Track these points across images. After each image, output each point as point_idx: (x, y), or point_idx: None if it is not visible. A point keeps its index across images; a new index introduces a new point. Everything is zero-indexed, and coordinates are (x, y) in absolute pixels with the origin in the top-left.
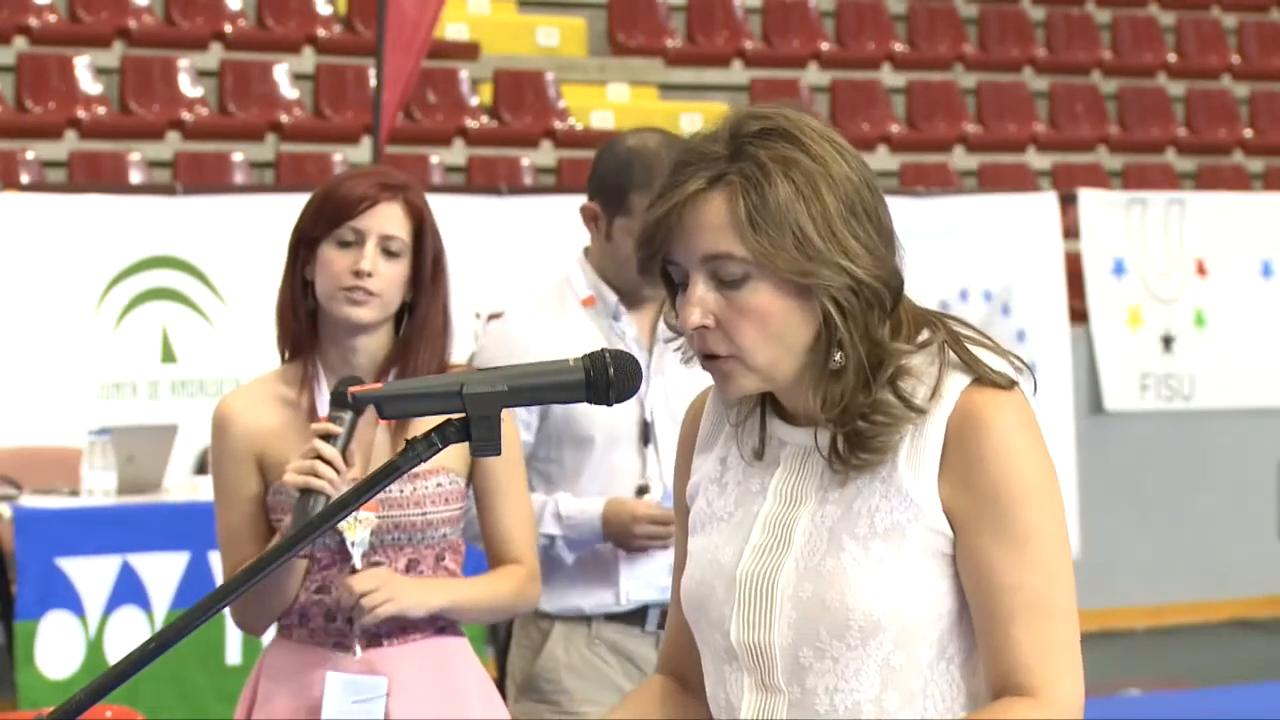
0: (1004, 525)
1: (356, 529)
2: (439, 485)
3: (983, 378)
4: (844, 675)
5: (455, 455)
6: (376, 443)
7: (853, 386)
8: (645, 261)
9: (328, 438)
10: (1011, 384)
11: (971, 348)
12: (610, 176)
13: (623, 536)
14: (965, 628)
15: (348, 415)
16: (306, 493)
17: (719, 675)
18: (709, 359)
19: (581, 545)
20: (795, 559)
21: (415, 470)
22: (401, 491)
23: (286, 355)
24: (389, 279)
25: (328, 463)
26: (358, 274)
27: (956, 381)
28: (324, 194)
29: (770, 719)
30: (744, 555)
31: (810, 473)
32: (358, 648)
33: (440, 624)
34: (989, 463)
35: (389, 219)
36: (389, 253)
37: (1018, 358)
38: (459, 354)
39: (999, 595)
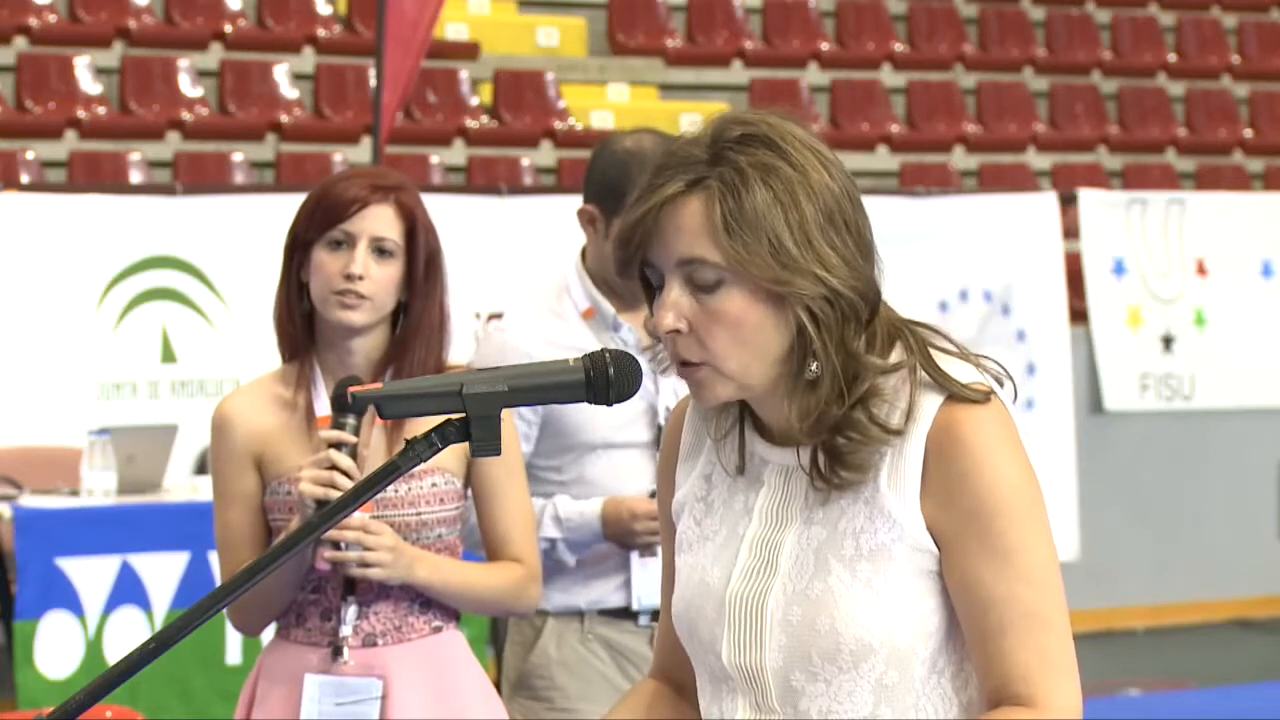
0: (989, 540)
1: None
2: (434, 485)
3: (955, 395)
4: (837, 697)
5: (452, 456)
6: (372, 443)
7: (826, 399)
8: (623, 263)
9: (339, 446)
10: (987, 397)
11: (943, 362)
12: (608, 178)
13: (624, 535)
14: (955, 641)
15: (352, 419)
16: (323, 504)
17: (714, 694)
18: (683, 365)
19: (582, 547)
20: (783, 582)
21: (411, 470)
22: (396, 492)
23: (286, 357)
24: (380, 281)
25: (344, 474)
26: (348, 277)
27: (931, 400)
28: (317, 196)
29: None
30: (732, 578)
31: (794, 493)
32: (346, 650)
33: (436, 624)
34: (970, 479)
35: (380, 221)
36: (381, 253)
37: (996, 363)
38: (459, 355)
39: (989, 609)
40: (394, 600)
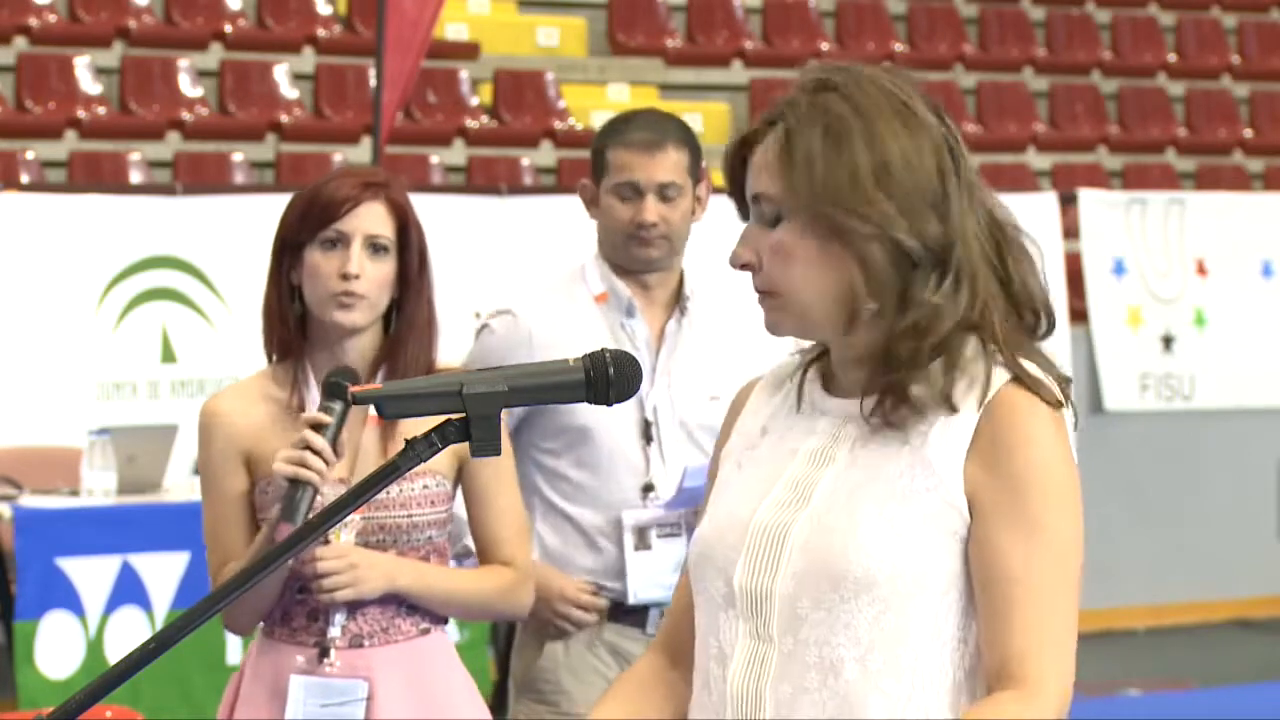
0: (1020, 515)
1: (340, 531)
2: (425, 487)
3: (1022, 379)
4: (834, 628)
5: (443, 457)
6: (364, 443)
7: (892, 339)
8: (736, 201)
9: (319, 428)
10: (1057, 402)
11: (1025, 360)
12: (594, 146)
13: (543, 605)
14: (963, 616)
15: (338, 406)
16: (295, 482)
17: (713, 623)
18: (760, 295)
19: None
20: (810, 514)
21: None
22: (387, 493)
23: (275, 359)
24: (376, 280)
25: (317, 453)
26: (345, 276)
27: (1000, 374)
28: (307, 198)
29: (761, 669)
30: (761, 507)
31: (843, 440)
32: (333, 651)
33: (424, 626)
34: (1018, 453)
35: (373, 218)
36: (376, 250)
37: (1065, 382)
38: (458, 355)
39: (1004, 583)
40: (382, 602)
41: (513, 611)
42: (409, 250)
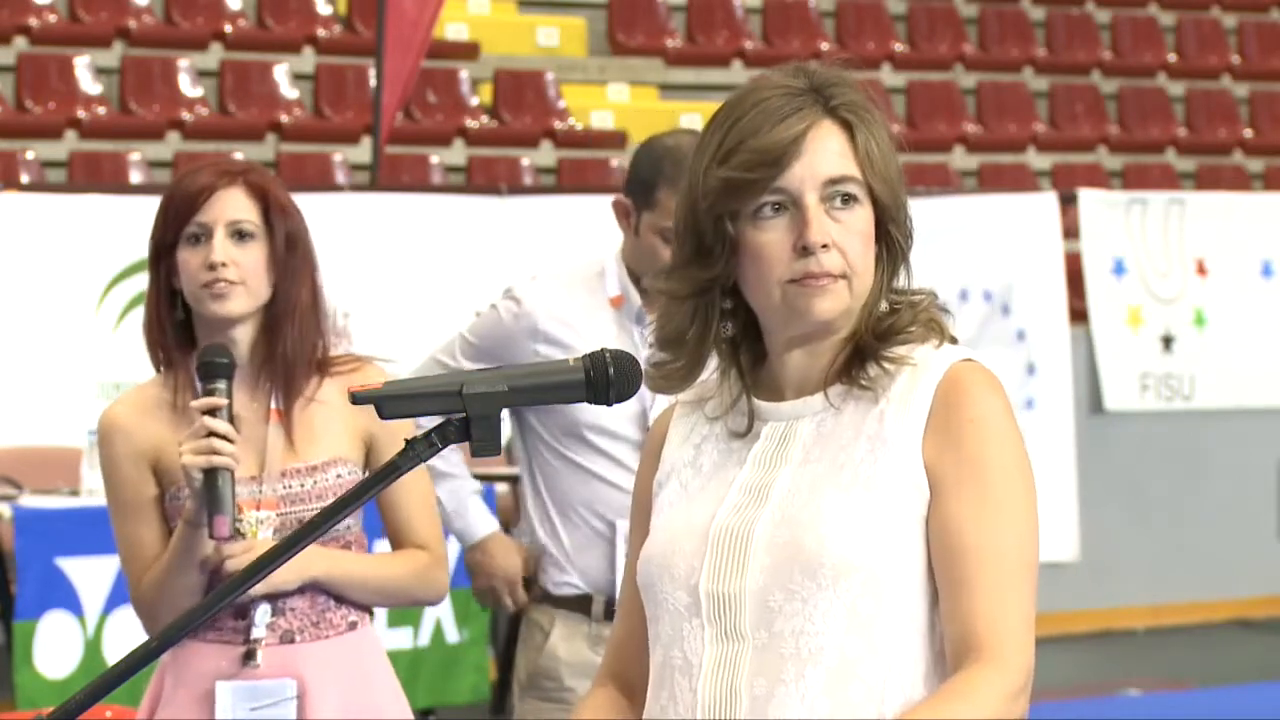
0: (981, 490)
1: (259, 529)
2: (339, 477)
3: (970, 357)
4: (811, 617)
5: (351, 445)
6: (269, 438)
7: (886, 316)
8: (749, 186)
9: (213, 412)
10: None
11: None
12: (642, 172)
13: (481, 571)
14: (930, 599)
15: (222, 384)
16: (212, 472)
17: (675, 635)
18: (812, 279)
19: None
20: (772, 511)
21: (313, 463)
22: (302, 486)
23: (161, 368)
24: (247, 265)
25: (222, 437)
26: (211, 266)
27: (949, 352)
28: (165, 199)
29: (734, 669)
30: (718, 514)
31: (793, 441)
32: (259, 653)
33: (352, 619)
34: (976, 427)
35: (232, 204)
36: (241, 236)
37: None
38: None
39: (964, 556)
40: (309, 595)
41: (430, 595)
42: (275, 233)
